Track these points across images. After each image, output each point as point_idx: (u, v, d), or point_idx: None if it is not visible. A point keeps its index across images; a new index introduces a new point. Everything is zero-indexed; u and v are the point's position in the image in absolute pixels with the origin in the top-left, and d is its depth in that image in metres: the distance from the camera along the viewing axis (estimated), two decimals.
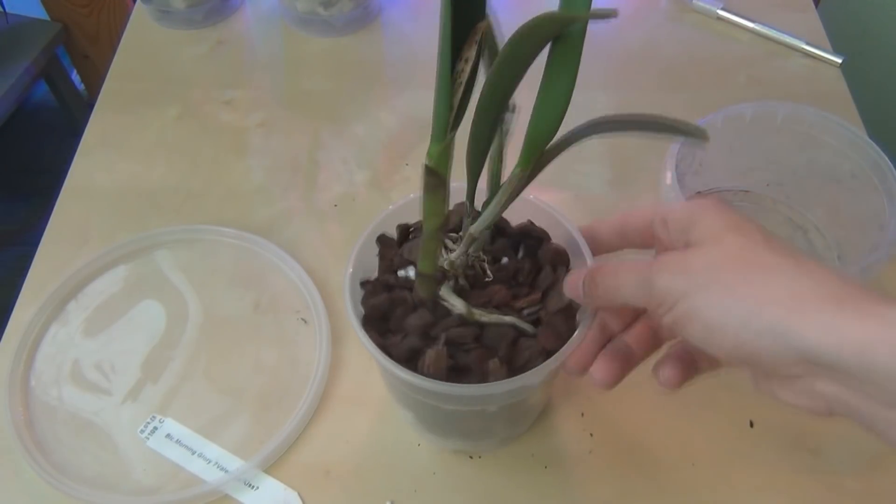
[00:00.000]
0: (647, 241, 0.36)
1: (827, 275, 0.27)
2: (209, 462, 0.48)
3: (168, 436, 0.49)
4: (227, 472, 0.47)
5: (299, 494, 0.46)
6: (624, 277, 0.32)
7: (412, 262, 0.40)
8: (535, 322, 0.38)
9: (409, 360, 0.37)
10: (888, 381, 0.23)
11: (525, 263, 0.39)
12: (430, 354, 0.36)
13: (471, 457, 0.48)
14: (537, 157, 0.31)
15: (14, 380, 0.51)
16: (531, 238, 0.41)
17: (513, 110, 0.34)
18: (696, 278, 0.29)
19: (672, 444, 0.48)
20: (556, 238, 0.42)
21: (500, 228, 0.41)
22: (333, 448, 0.48)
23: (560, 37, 0.28)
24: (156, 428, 0.49)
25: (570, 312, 0.39)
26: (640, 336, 0.37)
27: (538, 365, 0.36)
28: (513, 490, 0.47)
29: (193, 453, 0.48)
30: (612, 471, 0.47)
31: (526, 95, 0.32)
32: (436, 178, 0.32)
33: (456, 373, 0.37)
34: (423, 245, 0.36)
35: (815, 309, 0.25)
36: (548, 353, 0.37)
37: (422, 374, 0.36)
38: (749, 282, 0.27)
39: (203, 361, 0.53)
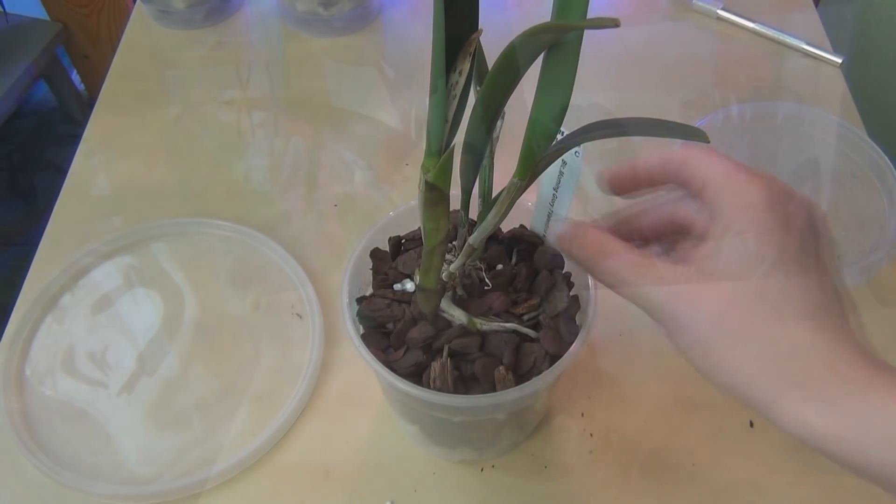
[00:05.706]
0: (659, 181, 0.33)
1: (820, 348, 0.26)
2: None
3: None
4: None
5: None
6: (614, 266, 0.31)
7: (408, 276, 0.40)
8: (535, 326, 0.38)
9: (414, 375, 0.37)
10: (835, 460, 0.26)
11: (521, 269, 0.39)
12: (436, 367, 0.36)
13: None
14: (534, 166, 0.30)
15: (9, 370, 0.51)
16: (523, 243, 0.41)
17: (502, 117, 0.33)
18: (695, 322, 0.28)
19: (672, 444, 0.48)
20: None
21: (492, 235, 0.41)
22: (333, 448, 0.48)
23: (556, 45, 0.27)
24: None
25: (569, 314, 0.39)
26: None
27: (543, 368, 0.36)
28: (513, 490, 0.47)
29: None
30: (611, 470, 0.47)
31: (525, 93, 0.31)
32: (437, 193, 0.31)
33: (463, 383, 0.37)
34: (425, 260, 0.35)
35: (793, 397, 0.26)
36: (551, 356, 0.37)
37: (428, 387, 0.36)
38: (741, 349, 0.27)
39: (199, 355, 0.53)
